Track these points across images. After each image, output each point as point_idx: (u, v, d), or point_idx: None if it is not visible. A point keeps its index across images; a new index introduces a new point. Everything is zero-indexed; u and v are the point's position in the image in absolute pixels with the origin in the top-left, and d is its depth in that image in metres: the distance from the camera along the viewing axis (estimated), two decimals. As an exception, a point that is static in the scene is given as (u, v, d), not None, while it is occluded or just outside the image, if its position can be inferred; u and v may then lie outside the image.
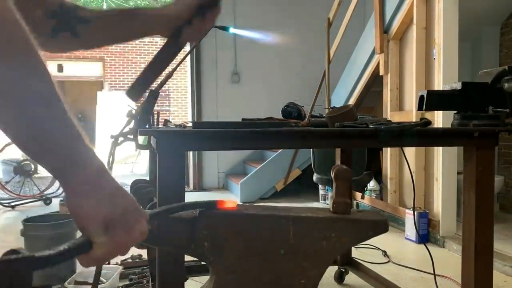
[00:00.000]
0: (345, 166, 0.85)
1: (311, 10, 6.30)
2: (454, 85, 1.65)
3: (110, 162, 1.44)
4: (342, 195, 0.83)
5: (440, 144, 2.60)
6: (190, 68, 6.43)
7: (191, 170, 6.46)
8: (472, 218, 1.61)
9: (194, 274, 2.30)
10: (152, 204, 1.74)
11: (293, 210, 0.85)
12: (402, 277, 2.77)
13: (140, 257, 3.02)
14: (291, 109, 2.26)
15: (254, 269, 0.80)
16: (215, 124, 1.44)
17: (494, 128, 1.58)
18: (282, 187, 5.50)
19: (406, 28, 3.94)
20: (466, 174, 1.65)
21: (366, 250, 3.26)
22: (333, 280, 2.66)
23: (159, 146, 1.27)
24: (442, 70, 3.35)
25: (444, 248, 3.36)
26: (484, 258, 1.63)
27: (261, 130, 1.45)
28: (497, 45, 4.68)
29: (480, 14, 4.37)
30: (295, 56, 6.52)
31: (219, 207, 0.78)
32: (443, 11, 3.35)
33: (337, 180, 0.82)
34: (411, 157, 3.62)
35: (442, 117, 3.31)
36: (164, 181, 1.28)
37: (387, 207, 4.12)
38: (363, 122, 1.56)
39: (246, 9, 6.24)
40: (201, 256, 0.84)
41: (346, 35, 4.64)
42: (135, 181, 2.32)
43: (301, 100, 2.83)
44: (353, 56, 5.04)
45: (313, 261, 0.80)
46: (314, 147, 3.24)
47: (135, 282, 2.55)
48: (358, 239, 0.85)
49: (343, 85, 5.25)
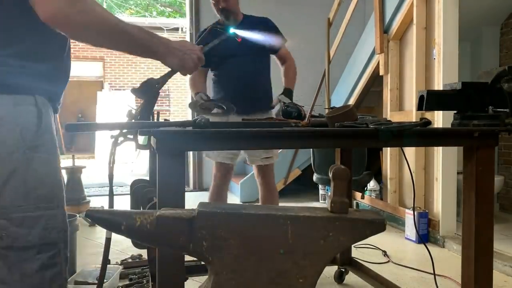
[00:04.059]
0: (344, 166, 0.85)
1: (311, 10, 6.30)
2: (454, 85, 1.65)
3: (111, 162, 1.44)
4: (340, 195, 0.83)
5: (440, 144, 2.60)
6: (190, 68, 6.42)
7: (191, 170, 6.46)
8: (472, 218, 1.61)
9: (194, 274, 2.31)
10: (152, 204, 1.74)
11: (292, 210, 0.85)
12: (402, 277, 2.77)
13: (140, 257, 3.02)
14: (291, 109, 2.26)
15: (253, 268, 0.80)
16: (215, 124, 1.44)
17: (494, 128, 1.58)
18: (282, 187, 5.50)
19: (406, 28, 3.94)
20: (466, 174, 1.65)
21: (366, 250, 3.26)
22: (333, 280, 2.66)
23: (159, 146, 1.27)
24: (442, 70, 3.35)
25: (444, 248, 3.36)
26: (484, 258, 1.63)
27: (261, 130, 1.46)
28: (497, 45, 4.68)
29: (480, 14, 4.37)
30: (295, 56, 6.49)
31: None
32: (443, 11, 3.35)
33: (335, 180, 0.82)
34: (411, 157, 3.62)
35: (442, 117, 3.31)
36: (164, 181, 1.28)
37: (387, 207, 4.12)
38: (363, 122, 1.56)
39: (246, 9, 6.23)
40: (199, 256, 0.84)
41: (346, 35, 4.64)
42: (135, 181, 2.32)
43: (301, 100, 2.83)
44: (353, 56, 5.04)
45: (311, 260, 0.80)
46: (314, 147, 3.25)
47: (135, 282, 2.55)
48: (356, 238, 0.85)
49: (343, 85, 5.25)
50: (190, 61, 1.29)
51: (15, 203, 1.05)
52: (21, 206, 1.05)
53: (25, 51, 1.09)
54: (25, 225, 1.06)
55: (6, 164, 1.05)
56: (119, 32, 1.12)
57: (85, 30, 1.07)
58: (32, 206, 1.07)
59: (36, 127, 1.08)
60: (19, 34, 1.07)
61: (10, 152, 1.05)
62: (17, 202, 1.05)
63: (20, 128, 1.06)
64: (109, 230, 1.16)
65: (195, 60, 1.30)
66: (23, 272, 1.06)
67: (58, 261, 1.12)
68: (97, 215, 0.91)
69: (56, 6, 1.01)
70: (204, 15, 6.26)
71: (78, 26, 1.05)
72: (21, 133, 1.06)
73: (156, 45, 1.22)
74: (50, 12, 1.01)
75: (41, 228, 1.08)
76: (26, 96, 1.08)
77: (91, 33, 1.09)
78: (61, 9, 1.01)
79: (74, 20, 1.03)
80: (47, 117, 1.12)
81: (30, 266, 1.07)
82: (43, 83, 1.12)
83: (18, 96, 1.07)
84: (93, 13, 1.06)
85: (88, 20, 1.05)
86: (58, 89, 1.21)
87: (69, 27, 1.05)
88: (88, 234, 3.69)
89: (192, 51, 1.30)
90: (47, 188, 1.10)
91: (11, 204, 1.05)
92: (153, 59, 1.25)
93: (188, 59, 1.28)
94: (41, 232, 1.08)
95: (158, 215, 0.85)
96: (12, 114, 1.05)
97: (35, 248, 1.07)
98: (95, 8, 1.07)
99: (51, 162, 1.12)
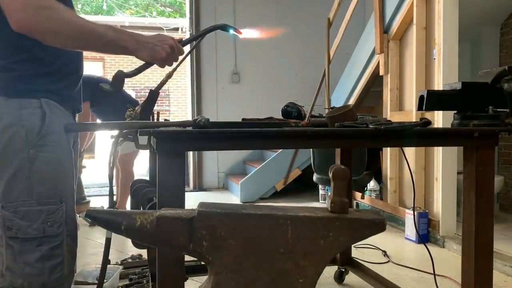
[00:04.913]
0: (344, 166, 0.85)
1: (311, 10, 6.30)
2: (454, 85, 1.65)
3: (111, 162, 1.44)
4: (339, 195, 0.83)
5: (440, 144, 2.60)
6: (190, 68, 6.43)
7: (191, 170, 6.46)
8: (472, 218, 1.61)
9: (194, 274, 2.31)
10: (152, 204, 1.74)
11: (291, 210, 0.85)
12: (402, 277, 2.77)
13: (140, 257, 3.02)
14: (291, 109, 2.25)
15: (253, 268, 0.80)
16: (215, 124, 1.44)
17: (494, 128, 1.58)
18: (282, 187, 5.50)
19: (406, 28, 3.94)
20: (466, 174, 1.65)
21: (366, 250, 3.26)
22: (333, 280, 2.66)
23: (159, 146, 1.27)
24: (442, 70, 3.35)
25: (444, 248, 3.36)
26: (484, 258, 1.63)
27: (261, 130, 1.45)
28: (497, 45, 4.68)
29: (480, 14, 4.37)
30: (295, 56, 6.52)
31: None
32: (443, 11, 3.35)
33: (335, 180, 0.82)
34: (411, 157, 3.62)
35: (442, 117, 3.31)
36: (164, 181, 1.28)
37: (387, 207, 4.12)
38: (363, 122, 1.56)
39: (246, 9, 6.24)
40: (199, 256, 0.84)
41: (346, 35, 4.64)
42: (135, 181, 2.32)
43: (301, 100, 2.83)
44: (353, 56, 5.04)
45: (311, 260, 0.80)
46: (314, 147, 3.24)
47: (135, 282, 2.55)
48: (356, 238, 0.85)
49: (343, 85, 5.25)
50: (161, 50, 1.27)
51: (20, 198, 1.16)
52: (25, 201, 1.16)
53: (32, 57, 1.20)
54: (27, 218, 1.16)
55: (12, 162, 1.16)
56: (87, 33, 1.17)
57: (54, 35, 1.14)
58: (34, 201, 1.17)
59: (39, 129, 1.18)
60: (24, 42, 1.17)
61: (16, 152, 1.16)
62: (21, 197, 1.16)
63: (25, 130, 1.17)
64: (109, 230, 1.17)
65: (167, 49, 1.28)
66: (25, 261, 1.17)
67: (58, 253, 1.21)
68: (97, 215, 0.91)
69: (24, 16, 1.08)
70: (204, 15, 6.27)
71: (47, 32, 1.12)
72: (25, 135, 1.17)
73: (125, 41, 1.23)
74: (20, 22, 1.09)
75: (42, 222, 1.17)
76: (32, 100, 1.18)
77: (60, 37, 1.15)
78: (29, 18, 1.09)
79: (43, 27, 1.11)
80: (53, 118, 1.21)
81: (31, 256, 1.17)
82: (51, 85, 1.22)
83: (24, 100, 1.18)
84: (60, 19, 1.13)
85: (56, 26, 1.12)
86: (69, 89, 1.30)
87: (39, 34, 1.12)
88: (88, 234, 3.69)
89: (164, 42, 1.29)
90: (49, 185, 1.19)
91: (17, 198, 1.16)
92: (125, 54, 1.28)
93: (159, 49, 1.27)
94: (41, 225, 1.17)
95: (158, 215, 0.85)
96: (17, 117, 1.17)
97: (36, 240, 1.17)
98: (61, 13, 1.13)
99: (56, 161, 1.21)
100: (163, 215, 0.85)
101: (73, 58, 1.31)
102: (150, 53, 1.27)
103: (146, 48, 1.26)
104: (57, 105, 1.23)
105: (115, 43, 1.21)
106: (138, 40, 1.25)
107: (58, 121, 1.22)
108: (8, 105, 1.17)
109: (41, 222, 1.17)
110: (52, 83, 1.23)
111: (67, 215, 1.23)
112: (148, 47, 1.26)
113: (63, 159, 1.24)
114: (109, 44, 1.21)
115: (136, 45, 1.25)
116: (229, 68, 6.44)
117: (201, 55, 6.34)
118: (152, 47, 1.27)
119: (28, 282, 1.17)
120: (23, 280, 1.17)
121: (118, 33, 1.22)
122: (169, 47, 1.29)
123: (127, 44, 1.23)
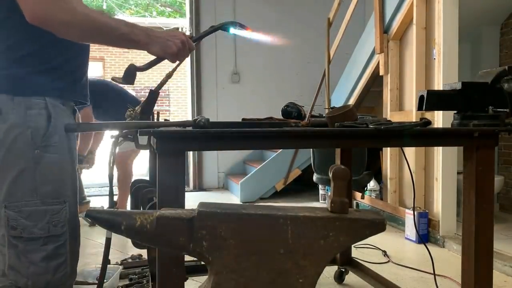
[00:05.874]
0: (344, 166, 0.85)
1: (311, 10, 6.30)
2: (454, 85, 1.65)
3: (111, 162, 1.44)
4: (339, 195, 0.83)
5: (440, 144, 2.60)
6: (190, 68, 6.42)
7: (191, 170, 6.46)
8: (472, 218, 1.61)
9: (194, 274, 2.30)
10: (152, 204, 1.74)
11: (292, 210, 0.85)
12: (402, 277, 2.77)
13: (140, 257, 3.02)
14: (291, 109, 2.25)
15: (253, 268, 0.80)
16: (215, 124, 1.44)
17: (494, 128, 1.58)
18: (282, 187, 5.50)
19: (406, 28, 3.94)
20: (466, 174, 1.65)
21: (366, 250, 3.26)
22: (333, 280, 2.66)
23: (159, 146, 1.27)
24: (442, 70, 3.35)
25: (444, 248, 3.36)
26: (484, 258, 1.63)
27: (261, 130, 1.45)
28: (497, 45, 4.68)
29: (480, 14, 4.37)
30: (295, 56, 6.52)
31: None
32: (443, 11, 3.35)
33: (335, 180, 0.82)
34: (411, 157, 3.62)
35: (442, 117, 3.31)
36: (164, 181, 1.28)
37: (387, 207, 4.12)
38: (363, 122, 1.56)
39: (246, 9, 6.24)
40: (199, 256, 0.84)
41: (346, 35, 4.64)
42: (135, 181, 2.32)
43: (301, 100, 2.83)
44: (353, 56, 5.04)
45: (311, 260, 0.80)
46: (314, 147, 3.24)
47: (135, 282, 2.55)
48: (356, 238, 0.85)
49: (343, 85, 5.25)
50: (173, 45, 1.29)
51: (25, 198, 1.17)
52: (29, 201, 1.17)
53: (37, 52, 1.20)
54: (32, 218, 1.17)
55: (17, 163, 1.17)
56: (100, 26, 1.18)
57: (68, 27, 1.14)
58: (39, 201, 1.18)
59: (45, 130, 1.19)
60: (30, 36, 1.18)
61: (21, 152, 1.17)
62: (26, 197, 1.17)
63: (31, 131, 1.18)
64: (109, 230, 1.17)
65: (178, 44, 1.30)
66: (30, 261, 1.18)
67: (62, 252, 1.22)
68: (97, 215, 0.91)
69: (39, 7, 1.09)
70: (204, 15, 6.27)
71: (62, 24, 1.12)
72: (31, 135, 1.18)
73: (137, 35, 1.24)
74: (35, 14, 1.09)
75: (46, 222, 1.18)
76: (37, 100, 1.19)
77: (73, 29, 1.15)
78: (45, 10, 1.09)
79: (58, 19, 1.11)
80: (57, 119, 1.22)
81: (36, 255, 1.18)
82: (55, 83, 1.23)
83: (30, 100, 1.18)
84: (75, 11, 1.13)
85: (70, 18, 1.12)
86: (73, 86, 1.30)
87: (53, 26, 1.12)
88: (88, 234, 3.69)
89: (175, 37, 1.30)
90: (53, 185, 1.20)
91: (22, 198, 1.17)
92: (137, 49, 1.29)
93: (170, 44, 1.29)
94: (46, 225, 1.18)
95: (158, 215, 0.85)
96: (23, 118, 1.17)
97: (41, 240, 1.18)
98: (75, 6, 1.13)
99: (60, 161, 1.22)
100: (163, 215, 0.85)
101: (78, 54, 1.32)
102: (161, 48, 1.28)
103: (157, 43, 1.27)
104: (60, 105, 1.24)
105: (127, 37, 1.22)
106: (149, 35, 1.26)
107: (61, 122, 1.23)
108: (14, 104, 1.17)
109: (46, 222, 1.18)
110: (56, 80, 1.23)
111: (70, 214, 1.24)
112: (159, 42, 1.27)
113: (67, 160, 1.25)
114: (121, 37, 1.22)
115: (147, 39, 1.26)
116: (229, 68, 6.44)
117: (201, 55, 6.34)
118: (163, 42, 1.28)
119: (32, 281, 1.18)
120: (27, 279, 1.17)
121: (130, 27, 1.23)
122: (180, 42, 1.30)
123: (139, 38, 1.24)
